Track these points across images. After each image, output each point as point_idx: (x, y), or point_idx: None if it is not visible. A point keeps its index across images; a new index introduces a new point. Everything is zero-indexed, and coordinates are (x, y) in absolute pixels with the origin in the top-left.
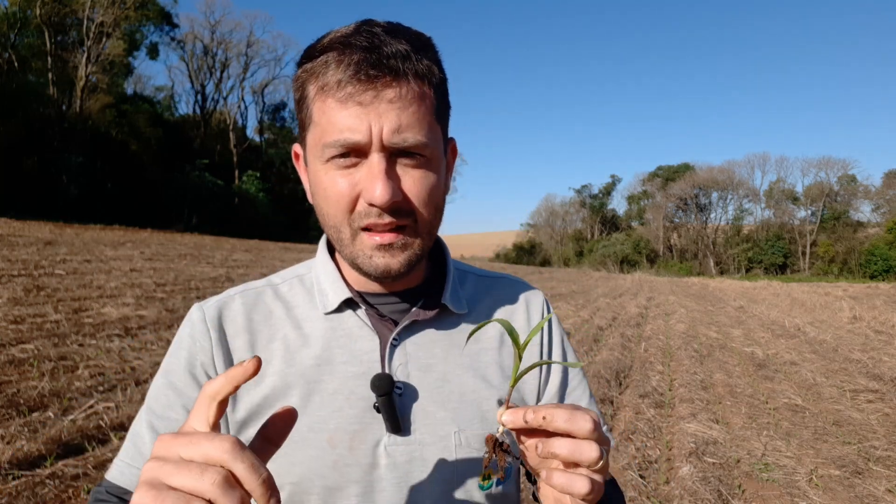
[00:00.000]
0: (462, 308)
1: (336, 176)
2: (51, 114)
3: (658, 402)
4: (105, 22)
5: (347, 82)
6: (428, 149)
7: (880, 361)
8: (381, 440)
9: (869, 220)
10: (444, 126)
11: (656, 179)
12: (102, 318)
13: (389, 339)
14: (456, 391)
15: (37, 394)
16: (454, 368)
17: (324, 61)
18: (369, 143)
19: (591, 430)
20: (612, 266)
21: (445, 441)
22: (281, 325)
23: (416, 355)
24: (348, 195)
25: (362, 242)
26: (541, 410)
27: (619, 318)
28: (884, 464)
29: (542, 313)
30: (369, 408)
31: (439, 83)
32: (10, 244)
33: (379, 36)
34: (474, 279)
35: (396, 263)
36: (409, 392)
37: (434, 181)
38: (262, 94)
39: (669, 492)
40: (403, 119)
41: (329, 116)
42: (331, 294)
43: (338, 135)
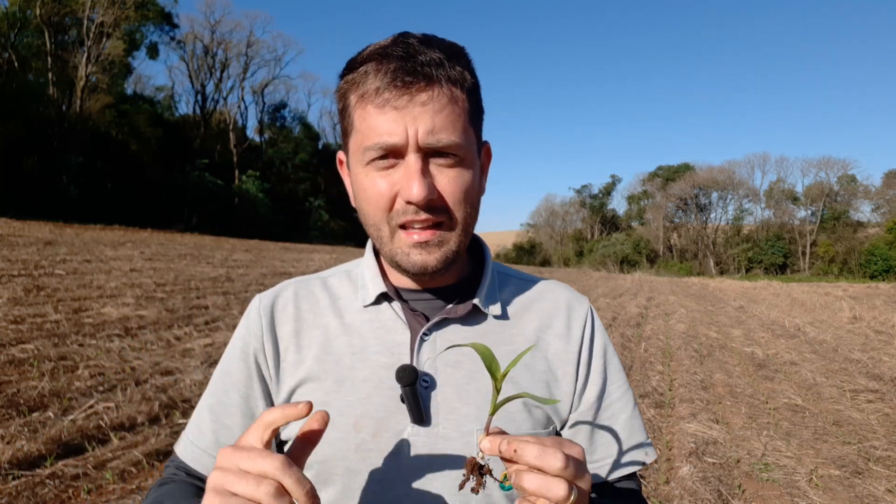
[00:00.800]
0: (496, 309)
1: (376, 177)
2: (51, 114)
3: (658, 402)
4: (105, 22)
5: (385, 89)
6: (461, 149)
7: (880, 361)
8: (404, 429)
9: (869, 220)
10: (477, 129)
11: (656, 179)
12: (102, 318)
13: (420, 332)
14: (483, 389)
15: (37, 394)
16: (482, 367)
17: (364, 72)
18: (405, 145)
19: (562, 468)
20: (612, 266)
21: (468, 437)
22: (324, 314)
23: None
24: (387, 195)
25: (400, 240)
26: (514, 443)
27: (619, 318)
28: (884, 464)
29: (584, 322)
30: (396, 398)
31: (472, 88)
32: (10, 244)
33: (414, 46)
34: (516, 282)
35: (433, 260)
36: (434, 385)
37: (468, 180)
38: (262, 94)
39: (669, 492)
40: (437, 121)
41: (368, 122)
42: (370, 288)
43: (377, 138)
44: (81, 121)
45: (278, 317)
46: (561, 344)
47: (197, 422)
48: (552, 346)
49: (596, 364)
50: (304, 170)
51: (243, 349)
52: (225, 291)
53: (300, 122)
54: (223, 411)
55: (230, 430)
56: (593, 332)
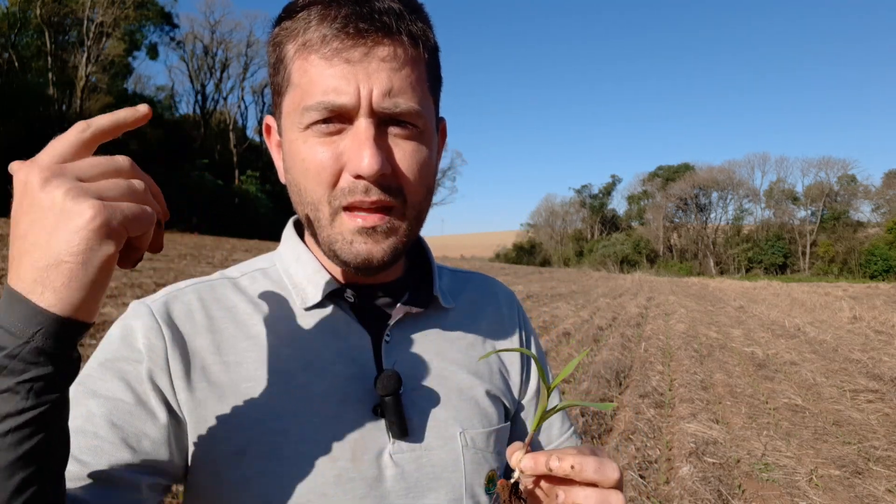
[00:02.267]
0: (449, 302)
1: (316, 144)
2: (51, 114)
3: (658, 402)
4: (105, 22)
5: (334, 37)
6: (421, 119)
7: (880, 361)
8: (384, 448)
9: (869, 220)
10: (436, 99)
11: (656, 179)
12: (102, 318)
13: (383, 335)
14: (454, 388)
15: None
16: (448, 365)
17: (306, 17)
18: (357, 107)
19: (618, 480)
20: (612, 266)
21: (452, 443)
22: (248, 323)
23: (410, 352)
24: (330, 167)
25: (342, 224)
26: (567, 458)
27: (619, 318)
28: (884, 464)
29: (517, 313)
30: (367, 412)
31: (433, 49)
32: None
33: None
34: (449, 273)
35: (380, 251)
36: (409, 390)
37: (426, 156)
38: (262, 94)
39: (669, 492)
40: (396, 81)
41: (311, 76)
42: (309, 286)
43: (321, 96)
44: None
45: (185, 328)
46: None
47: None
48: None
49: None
50: None
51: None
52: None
53: None
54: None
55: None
56: (525, 322)
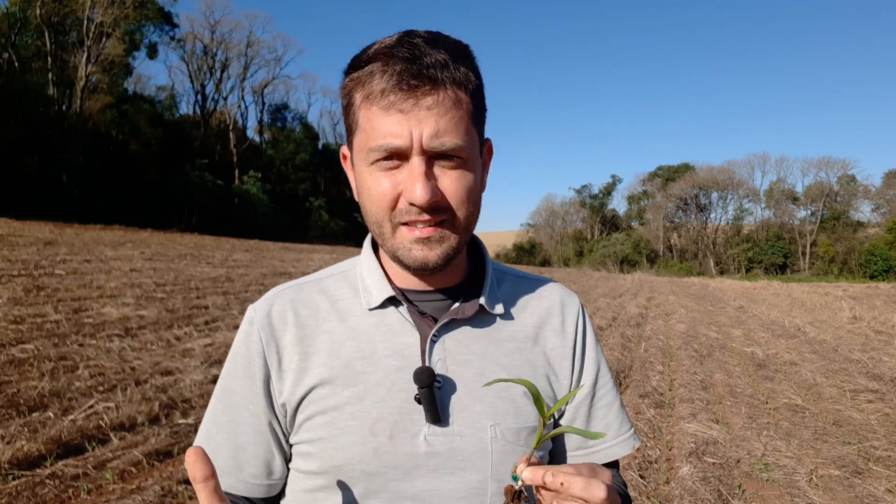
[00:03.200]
0: (499, 308)
1: (380, 177)
2: (51, 114)
3: (658, 402)
4: (105, 22)
5: (390, 91)
6: (465, 151)
7: (880, 361)
8: (421, 430)
9: (869, 220)
10: (480, 129)
11: (656, 179)
12: (102, 318)
13: (429, 335)
14: (494, 387)
15: (37, 394)
16: (490, 365)
17: (369, 71)
18: (410, 147)
19: (604, 499)
20: (612, 266)
21: (482, 433)
22: (326, 319)
23: (454, 351)
24: (390, 194)
25: (402, 236)
26: (559, 476)
27: (619, 318)
28: (884, 464)
29: (576, 318)
30: (410, 399)
31: (475, 89)
32: (10, 244)
33: (419, 47)
34: (512, 279)
35: (434, 256)
36: (447, 385)
37: (471, 181)
38: (262, 94)
39: (669, 492)
40: (441, 125)
41: (374, 123)
42: (374, 291)
43: (381, 140)
44: (81, 121)
45: (277, 325)
46: (558, 340)
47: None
48: (550, 341)
49: (590, 357)
50: (305, 170)
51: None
52: (225, 291)
53: (300, 122)
54: (235, 429)
55: (245, 450)
56: (585, 328)
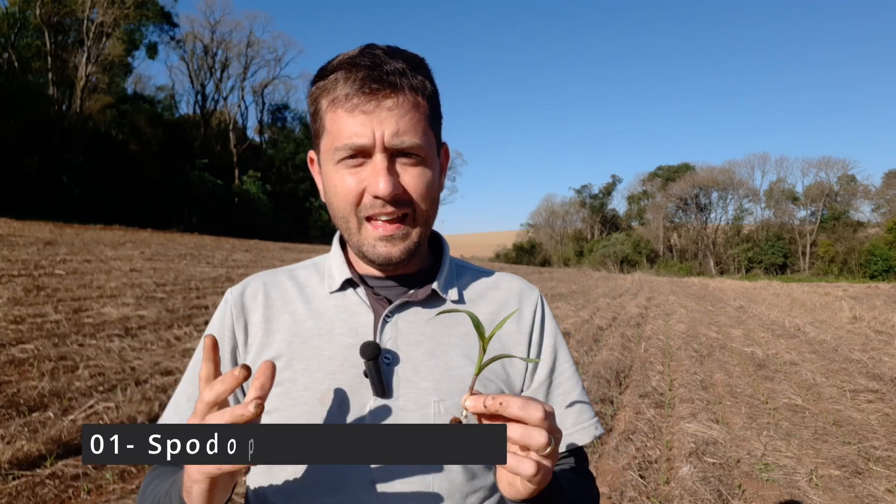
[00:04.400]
0: (453, 295)
1: (345, 174)
2: (51, 114)
3: (658, 402)
4: (105, 22)
5: (354, 95)
6: (423, 150)
7: (880, 361)
8: (367, 402)
9: (869, 220)
10: (436, 132)
11: (656, 179)
12: (102, 318)
13: (383, 314)
14: (441, 365)
15: (37, 394)
16: (441, 346)
17: (334, 79)
18: (373, 146)
19: (542, 419)
20: (612, 266)
21: (426, 409)
22: (292, 301)
23: (406, 330)
24: (355, 190)
25: (367, 232)
26: (498, 398)
27: (619, 318)
28: (884, 464)
29: (534, 307)
30: (360, 374)
31: (431, 95)
32: (10, 244)
33: (380, 56)
34: (473, 273)
35: (397, 252)
36: (395, 361)
37: (430, 177)
38: (262, 94)
39: (669, 492)
40: (401, 125)
41: (339, 125)
42: (336, 275)
43: (346, 139)
44: (81, 121)
45: (248, 305)
46: (513, 326)
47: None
48: (505, 327)
49: (546, 345)
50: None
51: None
52: (225, 291)
53: (300, 122)
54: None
55: None
56: (544, 317)
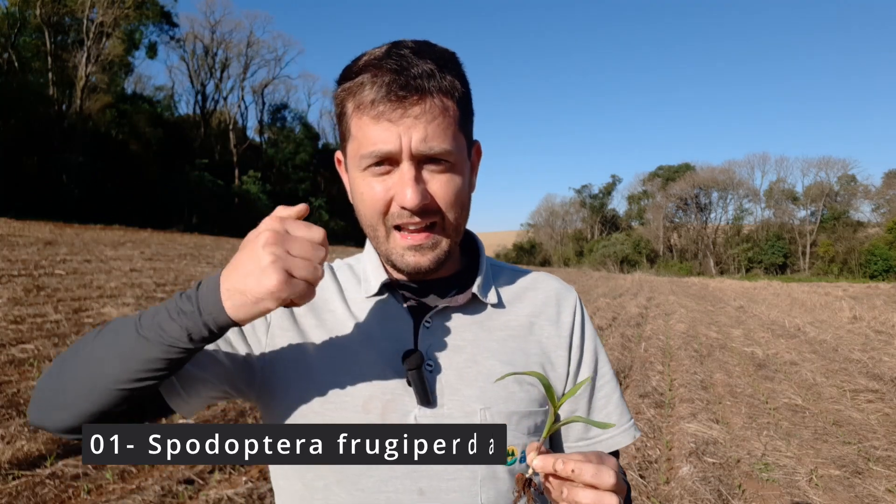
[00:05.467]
0: (493, 298)
1: (372, 182)
2: (51, 114)
3: (658, 402)
4: (105, 22)
5: (380, 102)
6: (452, 155)
7: (880, 361)
8: (411, 411)
9: (869, 220)
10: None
11: (656, 179)
12: (102, 318)
13: (422, 321)
14: (483, 372)
15: None
16: (482, 352)
17: (360, 82)
18: (399, 153)
19: (614, 485)
20: (612, 266)
21: (471, 417)
22: (333, 300)
23: (446, 337)
24: (382, 199)
25: (395, 241)
26: (570, 463)
27: (619, 318)
28: (884, 464)
29: (573, 311)
30: (402, 381)
31: (462, 96)
32: (10, 244)
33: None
34: (509, 273)
35: (426, 261)
36: (438, 369)
37: (459, 183)
38: (262, 94)
39: (669, 492)
40: (429, 131)
41: (364, 131)
42: (373, 280)
43: (372, 147)
44: (81, 121)
45: None
46: (553, 329)
47: None
48: (545, 331)
49: (588, 348)
50: (305, 170)
51: None
52: None
53: (300, 122)
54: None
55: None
56: (583, 319)
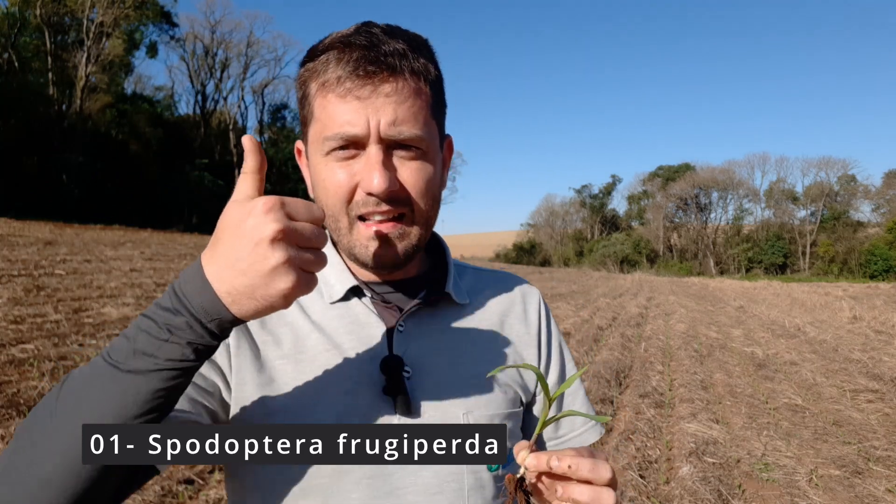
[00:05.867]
0: (463, 298)
1: (335, 167)
2: (51, 114)
3: (658, 402)
4: (105, 22)
5: (347, 78)
6: (424, 142)
7: (880, 361)
8: (391, 422)
9: (869, 220)
10: (439, 122)
11: (656, 179)
12: (102, 318)
13: (395, 324)
14: (463, 374)
15: (37, 394)
16: (459, 354)
17: (325, 60)
18: (367, 136)
19: (611, 479)
20: (612, 266)
21: (455, 422)
22: (288, 312)
23: (421, 340)
24: (346, 185)
25: (359, 232)
26: (565, 459)
27: (619, 318)
28: (884, 464)
29: (538, 309)
30: (379, 391)
31: (435, 81)
32: (10, 244)
33: (377, 36)
34: (473, 272)
35: (393, 253)
36: (417, 375)
37: (430, 172)
38: (262, 94)
39: (669, 492)
40: (400, 113)
41: (329, 111)
42: (336, 284)
43: (337, 128)
44: (81, 121)
45: None
46: (522, 328)
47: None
48: (515, 329)
49: (555, 346)
50: None
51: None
52: None
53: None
54: None
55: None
56: (548, 317)
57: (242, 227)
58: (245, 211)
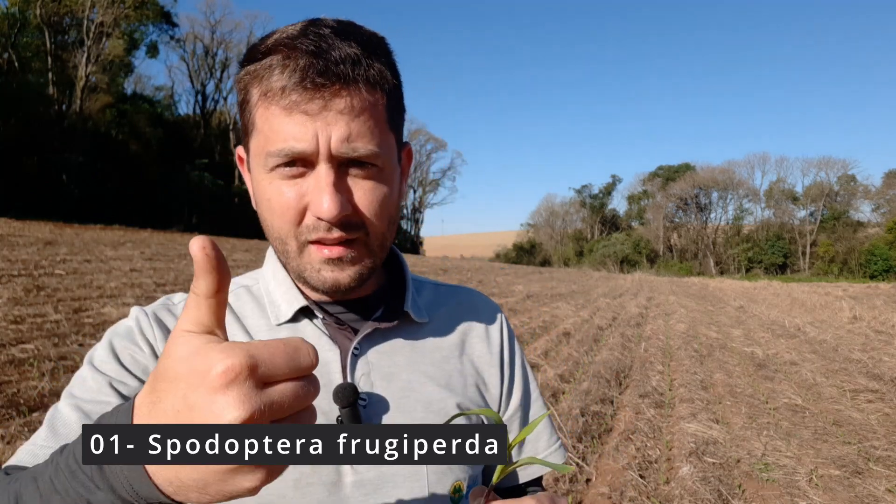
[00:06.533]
0: (423, 316)
1: (281, 186)
2: (51, 114)
3: (658, 402)
4: (105, 22)
5: (292, 90)
6: (380, 158)
7: (880, 361)
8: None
9: (869, 220)
10: (397, 133)
11: (656, 179)
12: (102, 318)
13: (350, 348)
14: (421, 400)
15: (37, 394)
16: (418, 377)
17: (268, 64)
18: (316, 153)
19: None
20: (612, 266)
21: None
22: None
23: (378, 364)
24: (295, 207)
25: (310, 255)
26: None
27: (619, 318)
28: (884, 464)
29: (500, 327)
30: (331, 421)
31: (392, 89)
32: (10, 244)
33: (327, 39)
34: (431, 288)
35: (346, 278)
36: (373, 403)
37: (386, 192)
38: None
39: (669, 492)
40: (353, 128)
41: (272, 124)
42: (283, 304)
43: (282, 143)
44: (81, 121)
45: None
46: (484, 347)
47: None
48: (476, 349)
49: (517, 366)
50: None
51: (121, 356)
52: None
53: None
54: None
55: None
56: (511, 336)
57: (194, 396)
58: (199, 365)
